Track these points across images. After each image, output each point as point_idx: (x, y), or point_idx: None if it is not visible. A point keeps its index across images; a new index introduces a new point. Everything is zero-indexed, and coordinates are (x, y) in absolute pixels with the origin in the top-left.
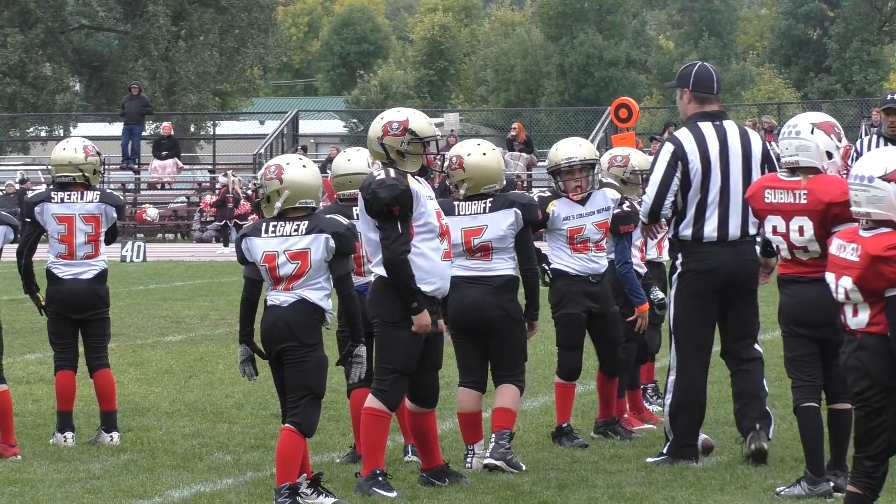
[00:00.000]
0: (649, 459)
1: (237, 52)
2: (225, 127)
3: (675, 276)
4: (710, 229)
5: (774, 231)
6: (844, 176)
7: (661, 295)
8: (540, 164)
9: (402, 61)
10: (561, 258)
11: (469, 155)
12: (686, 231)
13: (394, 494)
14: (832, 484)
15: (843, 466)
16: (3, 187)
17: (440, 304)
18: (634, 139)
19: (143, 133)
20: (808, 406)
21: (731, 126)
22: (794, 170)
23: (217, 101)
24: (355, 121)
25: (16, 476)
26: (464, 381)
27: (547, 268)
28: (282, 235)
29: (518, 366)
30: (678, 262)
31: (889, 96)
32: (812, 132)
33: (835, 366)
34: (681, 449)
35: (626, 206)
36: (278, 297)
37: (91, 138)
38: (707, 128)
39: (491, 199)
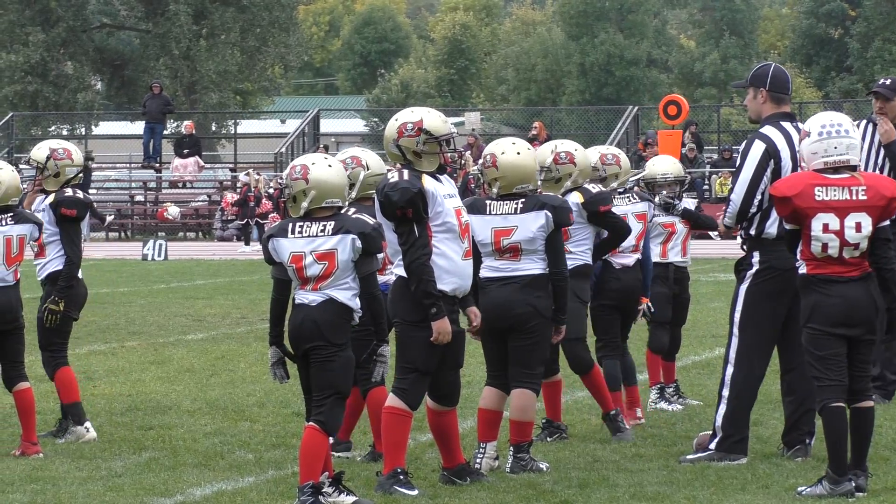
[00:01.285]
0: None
1: (258, 51)
2: (246, 126)
3: (749, 272)
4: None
5: (825, 229)
6: None
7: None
8: None
9: (422, 60)
10: None
11: (503, 154)
12: (771, 228)
13: (415, 493)
14: (854, 484)
15: (863, 466)
16: (25, 186)
17: (459, 303)
18: (682, 137)
19: (165, 132)
20: (835, 406)
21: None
22: (837, 168)
23: (238, 99)
24: (376, 119)
25: (37, 474)
26: (491, 382)
27: None
28: (308, 236)
29: (536, 367)
30: (755, 260)
31: (881, 81)
32: (853, 131)
33: (860, 363)
34: (735, 444)
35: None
36: (307, 296)
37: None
38: (790, 128)
39: (523, 200)
